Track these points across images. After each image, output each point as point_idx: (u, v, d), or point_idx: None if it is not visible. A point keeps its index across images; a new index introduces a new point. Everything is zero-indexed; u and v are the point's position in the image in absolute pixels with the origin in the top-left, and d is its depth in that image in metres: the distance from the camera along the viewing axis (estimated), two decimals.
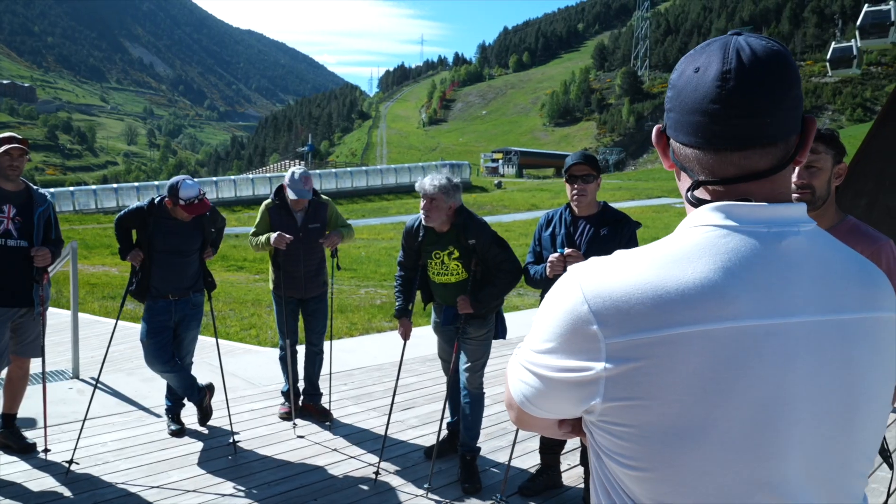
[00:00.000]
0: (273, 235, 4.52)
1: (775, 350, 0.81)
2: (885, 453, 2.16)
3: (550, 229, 3.58)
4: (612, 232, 3.42)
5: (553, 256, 3.35)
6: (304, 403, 4.91)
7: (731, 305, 0.80)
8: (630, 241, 3.43)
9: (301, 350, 5.14)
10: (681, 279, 0.81)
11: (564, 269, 3.31)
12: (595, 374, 0.82)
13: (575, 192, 3.44)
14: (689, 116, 0.88)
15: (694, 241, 0.85)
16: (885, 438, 2.21)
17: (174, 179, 4.29)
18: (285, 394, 4.91)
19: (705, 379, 0.79)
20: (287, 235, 4.51)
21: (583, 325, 0.83)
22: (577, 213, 3.51)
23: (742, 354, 0.80)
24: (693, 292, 0.80)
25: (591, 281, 0.86)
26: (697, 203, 0.89)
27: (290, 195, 4.60)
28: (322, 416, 4.80)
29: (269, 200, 4.76)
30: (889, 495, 2.54)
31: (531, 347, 0.92)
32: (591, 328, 0.82)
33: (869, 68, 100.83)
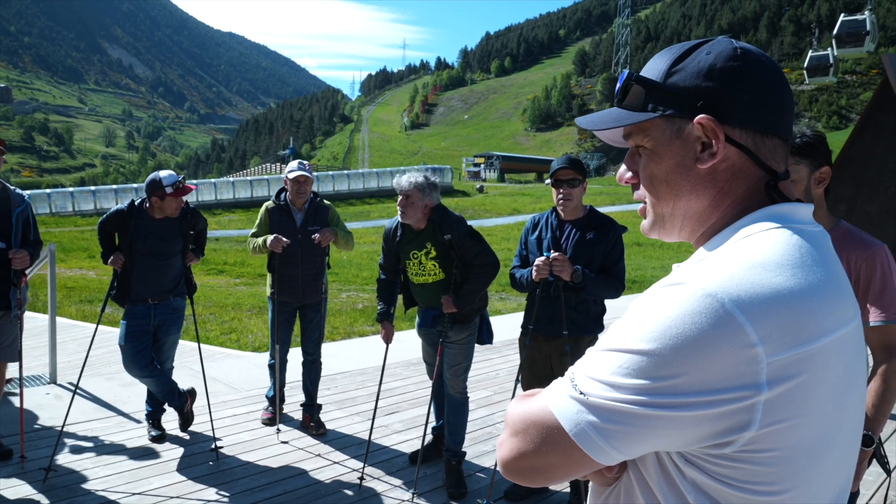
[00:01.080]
0: (270, 238, 4.44)
1: (860, 344, 0.84)
2: (881, 459, 2.17)
3: (537, 233, 3.59)
4: (598, 236, 3.44)
5: (539, 260, 3.36)
6: (303, 415, 4.75)
7: (849, 306, 0.82)
8: (616, 246, 3.45)
9: (292, 357, 5.02)
10: (818, 285, 0.78)
11: (550, 273, 3.33)
12: (752, 401, 0.72)
13: (560, 196, 3.45)
14: (775, 104, 0.88)
15: (792, 245, 0.80)
16: (882, 445, 2.21)
17: (150, 178, 4.27)
18: (270, 399, 4.83)
19: (842, 383, 0.78)
20: (284, 239, 4.41)
21: (739, 346, 0.72)
22: (564, 216, 3.52)
23: (854, 353, 0.82)
24: (832, 297, 0.78)
25: (737, 293, 0.74)
26: (779, 197, 0.87)
27: (290, 175, 4.54)
28: (317, 428, 4.65)
29: (269, 202, 4.69)
30: (881, 497, 2.56)
31: (616, 383, 0.77)
32: (752, 349, 0.72)
33: (844, 76, 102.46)
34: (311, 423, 4.68)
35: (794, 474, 0.76)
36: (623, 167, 0.98)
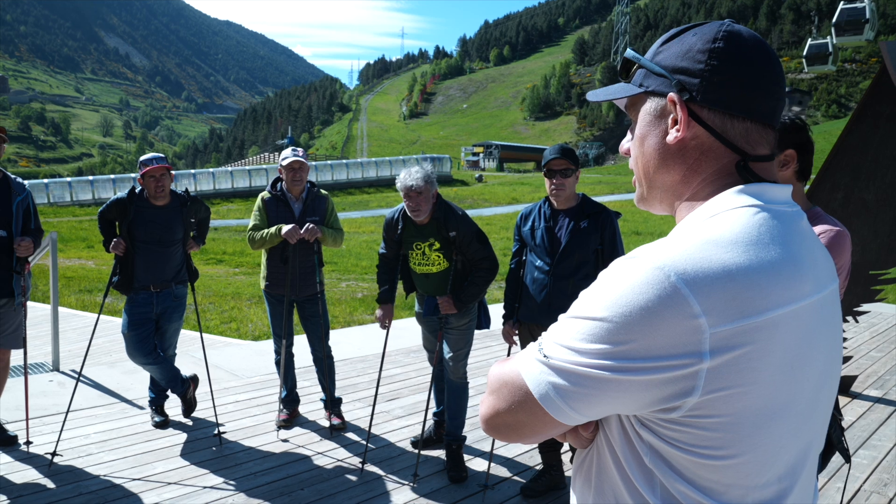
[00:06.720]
0: (285, 227, 4.25)
1: (822, 320, 0.87)
2: (841, 446, 2.20)
3: (529, 224, 3.59)
4: (591, 224, 3.44)
5: (505, 329, 3.69)
6: (325, 411, 4.64)
7: (806, 283, 0.84)
8: (615, 235, 3.46)
9: (300, 353, 4.93)
10: (771, 262, 0.81)
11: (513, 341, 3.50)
12: (695, 368, 0.77)
13: (553, 186, 3.45)
14: (750, 87, 0.89)
15: (753, 223, 0.83)
16: (844, 433, 2.24)
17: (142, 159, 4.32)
18: (283, 400, 4.64)
19: (792, 356, 0.82)
20: (301, 231, 4.26)
21: (683, 316, 0.76)
22: (556, 206, 3.51)
23: (812, 328, 0.85)
24: (784, 273, 0.81)
25: (684, 268, 0.78)
26: (752, 177, 0.89)
27: (284, 163, 4.35)
28: (338, 425, 4.50)
29: (264, 192, 4.50)
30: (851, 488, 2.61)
31: (576, 347, 0.82)
32: (695, 319, 0.76)
33: (844, 65, 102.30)
34: (330, 418, 4.55)
35: (741, 441, 0.80)
36: (626, 137, 1.03)
